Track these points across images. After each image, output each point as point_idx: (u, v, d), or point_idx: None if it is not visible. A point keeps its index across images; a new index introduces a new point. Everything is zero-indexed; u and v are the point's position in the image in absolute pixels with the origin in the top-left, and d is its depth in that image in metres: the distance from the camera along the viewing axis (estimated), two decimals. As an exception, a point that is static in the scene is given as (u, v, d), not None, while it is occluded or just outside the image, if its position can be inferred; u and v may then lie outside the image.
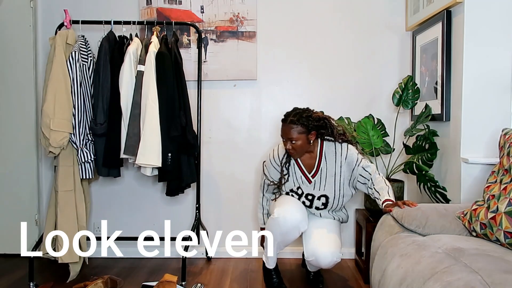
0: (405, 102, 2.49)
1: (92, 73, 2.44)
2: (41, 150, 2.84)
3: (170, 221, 2.88)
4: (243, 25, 2.78)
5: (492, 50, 2.05)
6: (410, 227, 1.67)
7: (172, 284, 2.11)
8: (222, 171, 2.88)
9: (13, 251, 2.84)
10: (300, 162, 2.17)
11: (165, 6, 2.78)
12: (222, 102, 2.85)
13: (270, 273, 2.32)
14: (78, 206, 2.41)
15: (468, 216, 1.59)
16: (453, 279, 1.18)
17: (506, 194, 1.45)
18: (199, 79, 2.65)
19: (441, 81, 2.27)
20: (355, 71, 2.81)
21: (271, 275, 2.32)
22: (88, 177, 2.39)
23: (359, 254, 2.69)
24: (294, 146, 2.05)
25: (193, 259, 2.82)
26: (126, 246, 2.88)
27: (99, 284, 2.15)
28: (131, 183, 2.88)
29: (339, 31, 2.80)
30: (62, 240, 2.33)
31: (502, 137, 1.67)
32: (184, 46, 2.79)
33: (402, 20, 2.78)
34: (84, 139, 2.36)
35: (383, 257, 1.59)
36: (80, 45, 2.39)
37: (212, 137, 2.87)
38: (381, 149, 2.55)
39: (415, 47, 2.68)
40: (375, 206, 2.42)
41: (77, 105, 2.33)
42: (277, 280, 2.31)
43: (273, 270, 2.32)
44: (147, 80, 2.32)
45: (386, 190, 2.00)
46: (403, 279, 1.34)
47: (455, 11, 2.17)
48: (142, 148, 2.27)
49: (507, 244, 1.42)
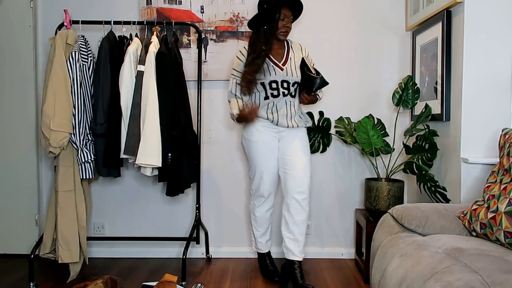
0: (405, 102, 2.49)
1: (92, 73, 2.44)
2: (41, 150, 2.84)
3: (170, 221, 2.88)
4: (243, 25, 2.78)
5: (492, 50, 2.05)
6: (410, 227, 1.67)
7: (172, 284, 2.11)
8: (222, 171, 2.88)
9: (13, 251, 2.84)
10: (271, 55, 2.34)
11: (165, 6, 2.78)
12: (222, 102, 2.85)
13: (265, 259, 2.54)
14: (78, 206, 2.41)
15: (468, 216, 1.60)
16: (453, 279, 1.18)
17: (506, 194, 1.46)
18: (199, 79, 2.65)
19: (441, 81, 2.27)
20: (355, 71, 2.81)
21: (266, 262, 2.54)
22: (88, 177, 2.40)
23: (359, 254, 2.69)
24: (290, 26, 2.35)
25: (193, 259, 2.82)
26: (126, 246, 2.89)
27: (99, 284, 2.15)
28: (131, 183, 2.88)
29: (339, 31, 2.80)
30: (62, 240, 2.33)
31: (502, 137, 1.67)
32: (184, 46, 2.79)
33: (402, 20, 2.78)
34: (84, 139, 2.36)
35: (383, 257, 1.59)
36: (80, 45, 2.39)
37: (212, 137, 2.87)
38: (381, 149, 2.55)
39: (415, 47, 2.68)
40: (375, 206, 2.42)
41: (77, 105, 2.33)
42: (273, 268, 2.50)
43: (268, 256, 2.54)
44: (147, 80, 2.32)
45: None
46: (403, 279, 1.34)
47: (455, 11, 2.17)
48: (142, 148, 2.27)
49: (507, 244, 1.42)
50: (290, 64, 2.35)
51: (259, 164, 2.35)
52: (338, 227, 2.88)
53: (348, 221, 2.88)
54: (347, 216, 2.87)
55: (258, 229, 2.48)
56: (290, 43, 2.42)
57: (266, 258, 2.54)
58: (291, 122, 2.33)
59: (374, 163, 2.59)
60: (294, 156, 2.34)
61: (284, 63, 2.35)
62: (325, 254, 2.86)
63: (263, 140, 2.34)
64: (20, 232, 2.85)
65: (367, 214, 2.52)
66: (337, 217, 2.88)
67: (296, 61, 2.37)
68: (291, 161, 2.34)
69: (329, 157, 2.85)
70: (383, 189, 2.39)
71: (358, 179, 2.85)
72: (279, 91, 2.31)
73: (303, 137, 2.41)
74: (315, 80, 2.23)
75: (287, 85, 2.32)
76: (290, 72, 2.33)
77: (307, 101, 2.31)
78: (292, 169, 2.33)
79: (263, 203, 2.42)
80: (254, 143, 2.35)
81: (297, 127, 2.36)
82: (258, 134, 2.34)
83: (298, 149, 2.35)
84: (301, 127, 2.40)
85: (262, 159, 2.35)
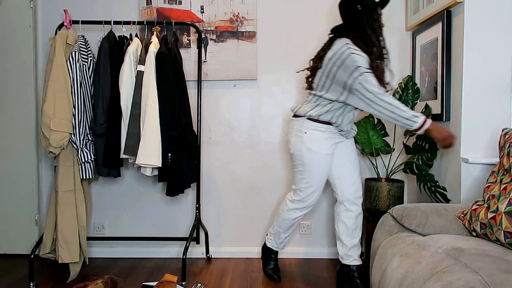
0: (405, 102, 2.48)
1: (92, 73, 2.44)
2: (41, 150, 2.84)
3: (170, 221, 2.88)
4: (243, 25, 2.78)
5: (492, 50, 2.05)
6: (410, 227, 1.67)
7: (172, 284, 2.11)
8: (222, 171, 2.88)
9: (13, 251, 2.84)
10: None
11: (165, 6, 2.78)
12: (222, 102, 2.85)
13: (271, 258, 2.48)
14: (78, 206, 2.41)
15: (468, 216, 1.60)
16: (453, 279, 1.18)
17: (506, 194, 1.46)
18: (199, 79, 2.65)
19: (441, 81, 2.27)
20: (355, 71, 2.81)
21: (272, 260, 2.48)
22: (88, 177, 2.40)
23: (359, 254, 2.69)
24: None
25: (193, 259, 2.82)
26: (126, 246, 2.89)
27: (99, 284, 2.15)
28: (131, 183, 2.88)
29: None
30: (62, 240, 2.33)
31: (502, 137, 1.67)
32: (184, 46, 2.79)
33: (402, 20, 2.78)
34: (84, 139, 2.36)
35: (383, 257, 1.59)
36: (80, 45, 2.39)
37: (212, 137, 2.87)
38: (381, 149, 2.55)
39: (415, 47, 2.68)
40: (375, 206, 2.42)
41: (77, 105, 2.33)
42: (275, 268, 2.47)
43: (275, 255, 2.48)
44: (147, 80, 2.32)
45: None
46: (403, 279, 1.34)
47: (455, 11, 2.17)
48: (142, 148, 2.27)
49: (507, 244, 1.42)
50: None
51: (320, 176, 2.18)
52: (338, 227, 2.88)
53: (348, 221, 2.87)
54: (347, 216, 2.87)
55: (287, 232, 2.38)
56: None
57: (273, 256, 2.49)
58: (351, 129, 2.21)
59: (374, 163, 2.59)
60: (354, 161, 2.26)
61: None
62: (325, 254, 2.86)
63: (329, 152, 2.14)
64: (20, 232, 2.85)
65: (367, 214, 2.52)
66: (337, 217, 2.88)
67: None
68: (351, 167, 2.25)
69: (329, 157, 2.85)
70: (383, 189, 2.39)
71: (358, 179, 2.85)
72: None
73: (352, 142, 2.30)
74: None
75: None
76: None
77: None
78: (355, 176, 2.26)
79: (305, 210, 2.32)
80: (322, 155, 2.13)
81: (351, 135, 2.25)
82: (326, 146, 2.12)
83: (355, 155, 2.27)
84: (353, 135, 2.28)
85: (325, 172, 2.18)
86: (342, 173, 2.24)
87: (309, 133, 2.12)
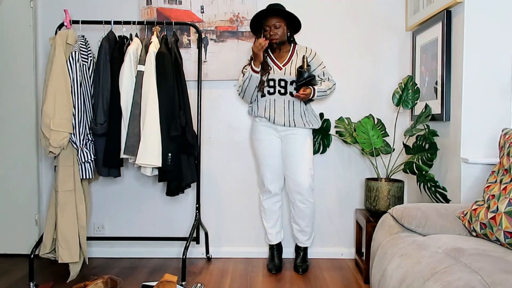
0: (405, 102, 2.49)
1: (92, 73, 2.44)
2: (41, 150, 2.84)
3: (170, 221, 2.88)
4: (243, 25, 2.78)
5: (492, 50, 2.05)
6: (410, 227, 1.67)
7: (172, 284, 2.11)
8: (222, 171, 2.88)
9: (13, 251, 2.84)
10: (273, 56, 2.51)
11: (165, 6, 2.78)
12: (222, 102, 2.85)
13: (272, 251, 2.67)
14: (78, 206, 2.41)
15: (468, 216, 1.60)
16: (453, 279, 1.18)
17: (506, 194, 1.46)
18: (199, 79, 2.65)
19: (441, 81, 2.27)
20: (355, 71, 2.81)
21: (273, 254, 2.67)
22: (88, 177, 2.39)
23: (359, 254, 2.69)
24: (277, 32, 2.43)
25: (193, 259, 2.82)
26: (126, 246, 2.89)
27: (99, 284, 2.15)
28: (131, 183, 2.88)
29: (339, 31, 2.80)
30: (62, 240, 2.33)
31: (502, 137, 1.67)
32: (184, 46, 2.79)
33: (402, 20, 2.78)
34: (84, 139, 2.36)
35: (383, 257, 1.59)
36: (80, 45, 2.39)
37: (212, 137, 2.87)
38: (381, 149, 2.55)
39: (415, 47, 2.68)
40: (375, 206, 2.42)
41: (77, 105, 2.33)
42: (276, 261, 2.62)
43: (276, 248, 2.67)
44: (147, 80, 2.32)
45: (320, 84, 2.47)
46: (403, 279, 1.34)
47: (455, 11, 2.17)
48: (142, 148, 2.27)
49: (507, 244, 1.42)
50: (291, 65, 2.48)
51: (261, 161, 2.57)
52: (338, 227, 2.88)
53: (348, 221, 2.88)
54: (347, 216, 2.87)
55: (268, 221, 2.65)
56: (296, 47, 2.54)
57: (274, 250, 2.67)
58: (289, 121, 2.43)
59: (374, 163, 2.59)
60: (293, 157, 2.46)
61: (285, 64, 2.48)
62: (325, 254, 2.86)
63: (263, 138, 2.53)
64: (20, 232, 2.85)
65: (367, 214, 2.52)
66: (337, 217, 2.88)
67: (298, 63, 2.48)
68: (290, 163, 2.47)
69: (329, 157, 2.85)
70: (383, 189, 2.39)
71: (358, 179, 2.85)
72: (275, 89, 2.45)
73: (303, 137, 2.46)
74: (302, 73, 2.38)
75: (284, 83, 2.45)
76: (289, 72, 2.45)
77: (300, 97, 2.39)
78: (292, 171, 2.46)
79: (270, 197, 2.61)
80: (257, 142, 2.56)
81: (294, 127, 2.45)
82: (259, 133, 2.54)
83: (297, 150, 2.45)
84: (301, 127, 2.45)
85: (263, 157, 2.55)
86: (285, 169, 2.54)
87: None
